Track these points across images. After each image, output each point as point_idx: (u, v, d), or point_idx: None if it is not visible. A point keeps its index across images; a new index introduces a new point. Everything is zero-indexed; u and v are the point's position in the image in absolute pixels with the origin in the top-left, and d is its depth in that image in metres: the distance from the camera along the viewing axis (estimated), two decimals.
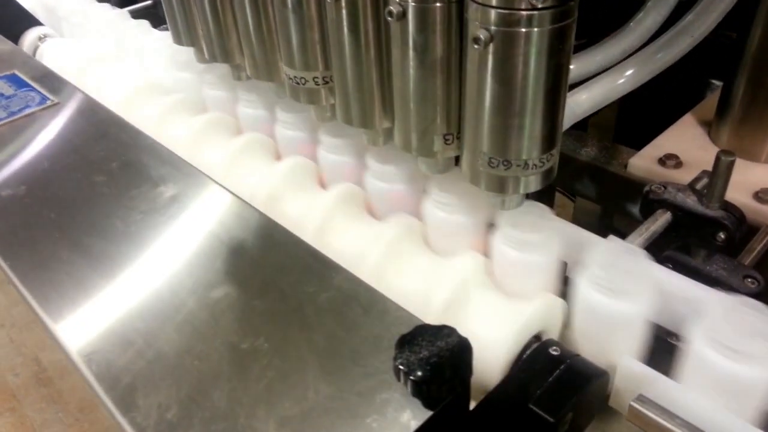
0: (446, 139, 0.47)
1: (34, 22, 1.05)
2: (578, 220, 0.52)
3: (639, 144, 0.74)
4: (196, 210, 0.58)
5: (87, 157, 0.67)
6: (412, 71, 0.45)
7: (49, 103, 0.78)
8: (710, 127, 0.74)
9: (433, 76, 0.44)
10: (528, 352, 0.46)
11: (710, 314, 0.40)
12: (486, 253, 0.52)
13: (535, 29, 0.38)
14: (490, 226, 0.51)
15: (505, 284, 0.50)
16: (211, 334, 0.45)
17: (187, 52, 0.75)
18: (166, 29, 0.76)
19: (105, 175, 0.63)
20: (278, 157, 0.71)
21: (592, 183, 0.75)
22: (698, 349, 0.40)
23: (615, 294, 0.43)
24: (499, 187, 0.45)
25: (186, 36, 0.71)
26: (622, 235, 0.53)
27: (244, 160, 0.67)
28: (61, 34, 1.05)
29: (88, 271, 0.52)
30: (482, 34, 0.39)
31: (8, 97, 0.80)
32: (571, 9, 0.39)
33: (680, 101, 0.82)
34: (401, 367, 0.36)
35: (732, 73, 0.68)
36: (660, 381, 0.42)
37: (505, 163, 0.44)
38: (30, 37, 1.01)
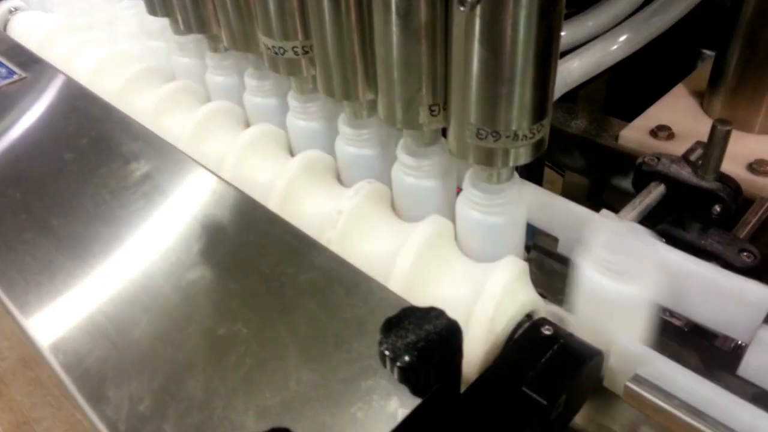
0: (432, 110, 0.45)
1: None
2: (568, 194, 0.51)
3: (629, 116, 0.72)
4: (170, 188, 0.55)
5: (55, 133, 0.64)
6: (395, 38, 0.42)
7: (16, 77, 0.74)
8: (703, 97, 0.73)
9: (418, 43, 0.42)
10: (519, 331, 0.44)
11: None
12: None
13: None
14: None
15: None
16: (186, 319, 0.43)
17: (159, 21, 0.72)
18: None
19: (74, 152, 0.60)
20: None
21: (581, 156, 0.73)
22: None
23: None
24: (488, 159, 0.43)
25: (160, 6, 0.68)
26: (613, 209, 0.51)
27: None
28: (35, 7, 1.01)
29: (55, 253, 0.50)
30: None
31: None
32: None
33: (671, 72, 0.81)
34: (387, 352, 0.34)
35: (725, 42, 0.67)
36: (656, 360, 0.40)
37: (494, 134, 0.41)
38: None
